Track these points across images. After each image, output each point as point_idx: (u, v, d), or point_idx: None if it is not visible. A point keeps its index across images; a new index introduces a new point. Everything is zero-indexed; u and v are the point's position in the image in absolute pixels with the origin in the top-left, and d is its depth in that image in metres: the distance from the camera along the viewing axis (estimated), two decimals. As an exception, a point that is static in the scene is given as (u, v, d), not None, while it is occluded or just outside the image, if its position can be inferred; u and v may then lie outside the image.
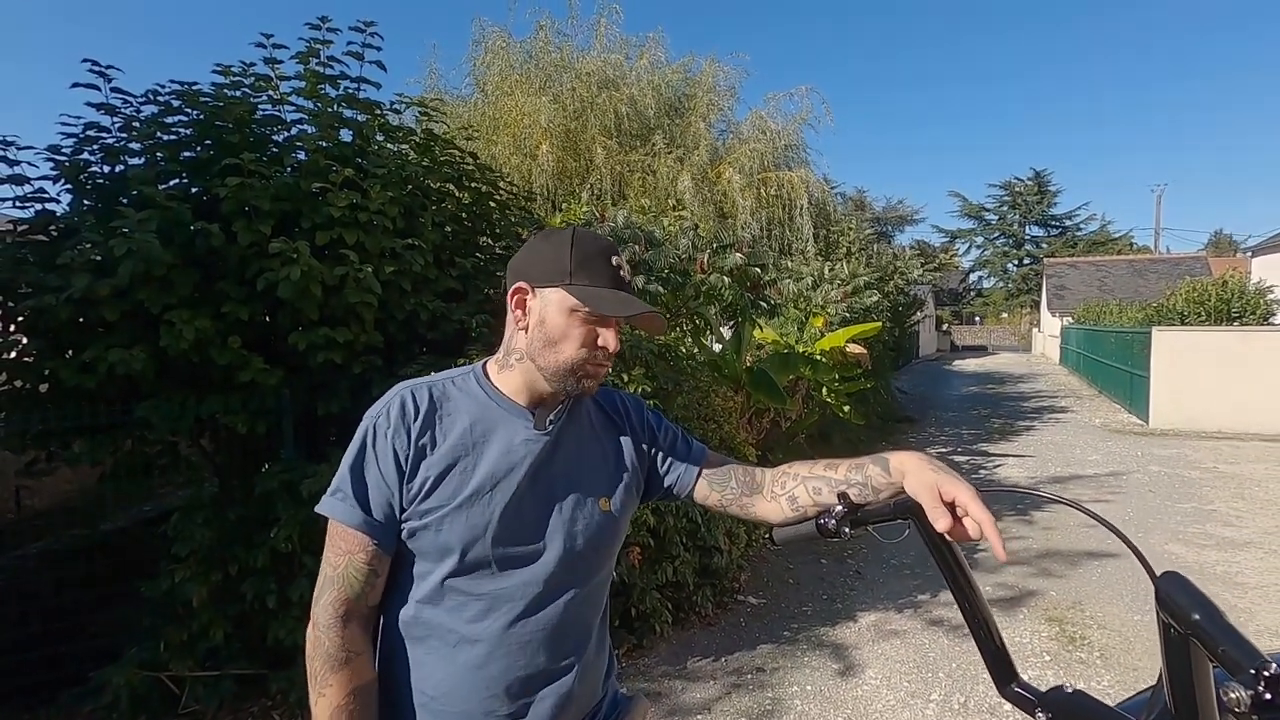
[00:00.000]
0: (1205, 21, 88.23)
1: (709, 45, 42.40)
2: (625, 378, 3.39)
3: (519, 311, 1.04)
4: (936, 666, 3.28)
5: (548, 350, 1.01)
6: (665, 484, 1.18)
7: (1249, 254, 22.87)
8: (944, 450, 8.83)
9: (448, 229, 3.77)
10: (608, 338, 1.02)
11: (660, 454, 1.18)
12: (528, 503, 1.02)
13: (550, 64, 12.05)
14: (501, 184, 4.46)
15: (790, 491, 1.08)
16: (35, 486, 4.13)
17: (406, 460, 0.98)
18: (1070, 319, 23.12)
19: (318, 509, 1.01)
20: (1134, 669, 3.22)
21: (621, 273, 1.03)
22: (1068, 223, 45.13)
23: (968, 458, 8.30)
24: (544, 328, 1.01)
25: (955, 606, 0.92)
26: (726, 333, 6.04)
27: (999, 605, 3.97)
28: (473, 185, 4.11)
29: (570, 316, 1.00)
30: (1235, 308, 12.08)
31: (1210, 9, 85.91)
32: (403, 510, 0.99)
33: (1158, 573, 0.71)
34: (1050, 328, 27.88)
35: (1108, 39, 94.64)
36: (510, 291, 1.05)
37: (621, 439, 1.15)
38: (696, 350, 5.44)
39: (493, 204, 4.17)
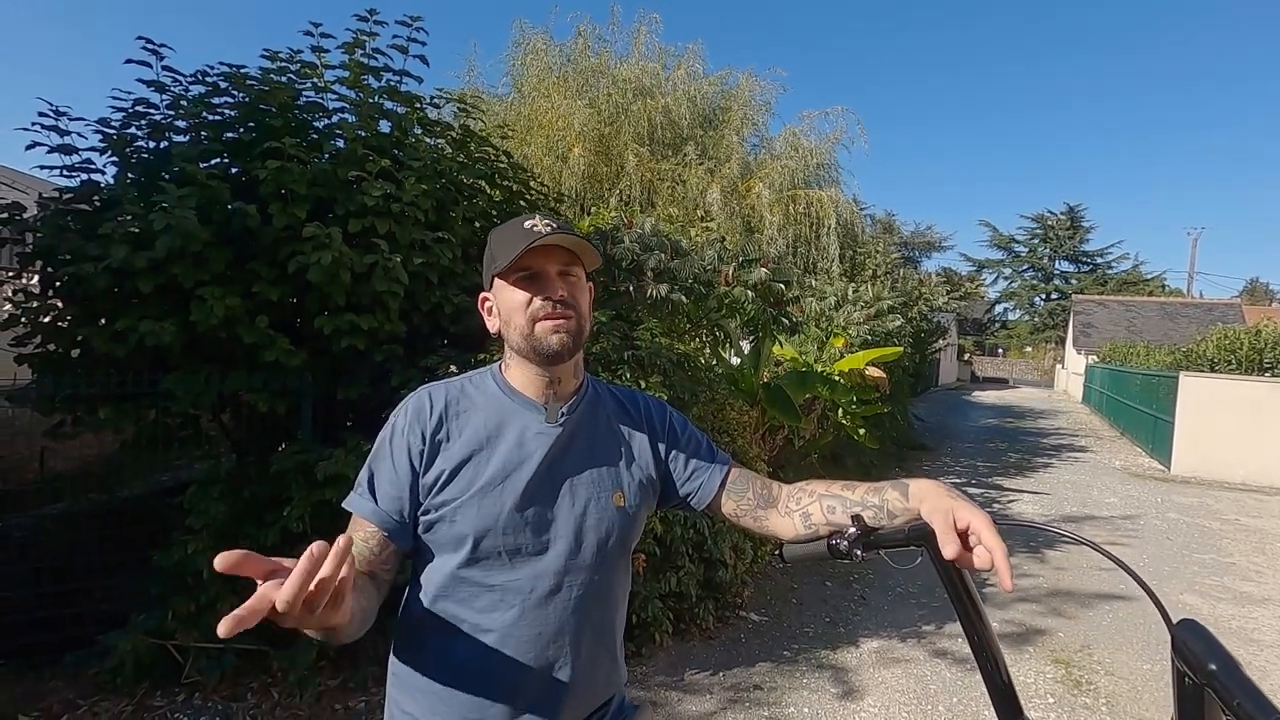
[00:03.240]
0: (1253, 68, 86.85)
1: (747, 59, 42.53)
2: (643, 384, 3.39)
3: (490, 317, 1.11)
4: (937, 699, 3.23)
5: (510, 330, 1.06)
6: (683, 492, 1.17)
7: (1285, 304, 22.39)
8: (958, 481, 8.72)
9: (477, 225, 3.82)
10: (543, 287, 1.03)
11: (681, 462, 1.17)
12: (540, 495, 1.03)
13: (588, 68, 12.15)
14: (533, 184, 4.51)
15: (805, 508, 1.08)
16: (58, 449, 4.22)
17: (421, 457, 1.02)
18: (1096, 357, 22.74)
19: (344, 504, 1.06)
20: (1140, 719, 3.15)
21: (535, 229, 1.02)
22: (1099, 260, 44.55)
23: (982, 490, 8.18)
24: (502, 315, 1.07)
25: (960, 639, 0.91)
26: (746, 347, 6.02)
27: (1006, 642, 3.90)
28: (504, 183, 4.15)
29: (508, 290, 1.05)
30: (1268, 358, 11.78)
31: (1255, 55, 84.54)
32: (419, 504, 1.02)
33: (1174, 621, 0.70)
34: (1075, 365, 27.46)
35: (1151, 78, 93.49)
36: (481, 304, 1.13)
37: (640, 437, 1.15)
38: (715, 362, 5.44)
39: (523, 203, 4.21)
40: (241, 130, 3.28)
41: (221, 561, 0.64)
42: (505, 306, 1.06)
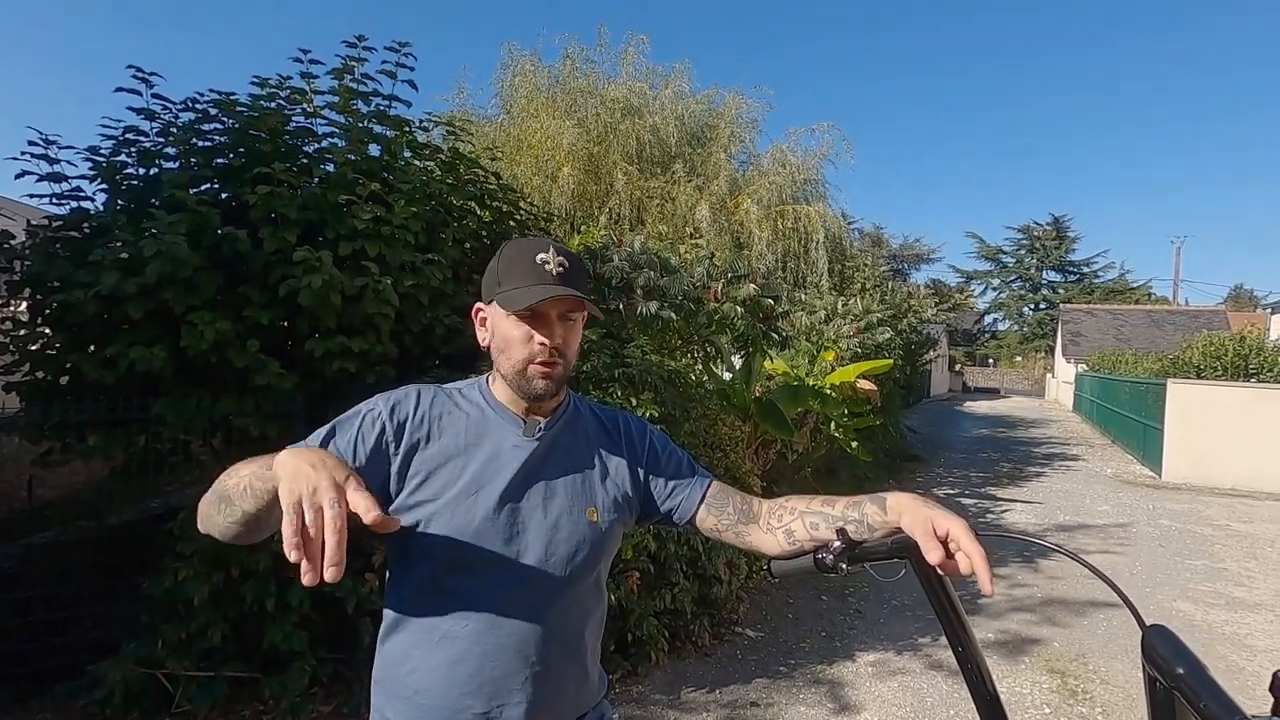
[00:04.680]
0: (1233, 76, 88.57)
1: (734, 76, 43.08)
2: (634, 401, 3.40)
3: (482, 330, 1.13)
4: (933, 712, 3.23)
5: (501, 358, 1.08)
6: (663, 509, 1.18)
7: (1269, 310, 22.67)
8: (951, 492, 8.74)
9: (467, 246, 3.84)
10: (544, 333, 1.05)
11: (661, 479, 1.19)
12: (512, 507, 1.05)
13: (576, 89, 12.26)
14: (522, 204, 4.55)
15: (787, 525, 1.09)
16: (46, 477, 4.18)
17: (393, 444, 1.03)
18: (1085, 366, 22.91)
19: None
20: (1136, 727, 3.16)
21: (547, 267, 1.05)
22: (1085, 269, 44.95)
23: (975, 501, 8.21)
24: (495, 339, 1.09)
25: (954, 651, 0.93)
26: (737, 362, 6.05)
27: (1001, 652, 3.91)
28: (494, 204, 4.19)
29: (507, 322, 1.06)
30: (1253, 364, 11.89)
31: (1238, 62, 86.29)
32: (395, 496, 1.03)
33: (1149, 625, 0.72)
34: (1064, 374, 27.64)
35: (1130, 91, 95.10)
36: (474, 313, 1.14)
37: (617, 456, 1.17)
38: (706, 378, 5.46)
39: (513, 223, 4.24)
40: (231, 156, 3.31)
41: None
42: (502, 334, 1.07)
